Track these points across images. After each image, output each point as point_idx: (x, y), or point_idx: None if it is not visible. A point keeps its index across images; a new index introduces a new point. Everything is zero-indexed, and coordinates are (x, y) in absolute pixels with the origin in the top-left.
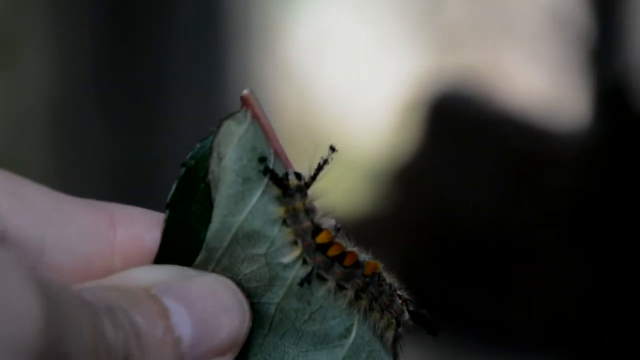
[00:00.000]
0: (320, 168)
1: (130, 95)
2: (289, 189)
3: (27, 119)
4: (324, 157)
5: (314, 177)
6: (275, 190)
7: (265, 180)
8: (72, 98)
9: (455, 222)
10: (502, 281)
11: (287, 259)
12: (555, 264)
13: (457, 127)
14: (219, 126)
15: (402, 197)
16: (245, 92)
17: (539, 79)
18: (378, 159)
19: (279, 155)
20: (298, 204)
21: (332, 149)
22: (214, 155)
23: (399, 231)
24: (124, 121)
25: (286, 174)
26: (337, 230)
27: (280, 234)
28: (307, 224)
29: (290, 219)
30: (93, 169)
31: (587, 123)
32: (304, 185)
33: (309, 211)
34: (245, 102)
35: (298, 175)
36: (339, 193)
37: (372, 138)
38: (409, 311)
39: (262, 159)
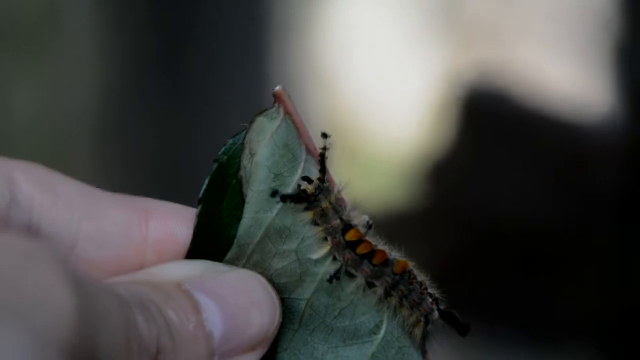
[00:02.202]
0: (323, 158)
1: (175, 95)
2: (310, 196)
3: (72, 117)
4: (321, 146)
5: (323, 170)
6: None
7: (297, 176)
8: (117, 97)
9: (492, 218)
10: (540, 279)
11: (317, 255)
12: (599, 262)
13: (491, 123)
14: (251, 122)
15: (436, 195)
16: (277, 88)
17: (570, 73)
18: (411, 156)
19: (311, 151)
20: (324, 204)
21: (324, 135)
22: (246, 151)
23: (435, 229)
24: (168, 120)
25: (298, 186)
26: (368, 227)
27: (311, 232)
28: (336, 222)
29: (320, 219)
30: (137, 168)
31: (620, 117)
32: (322, 183)
33: (338, 208)
34: (277, 98)
35: (307, 179)
36: (372, 191)
37: (405, 135)
38: (438, 310)
39: (274, 194)
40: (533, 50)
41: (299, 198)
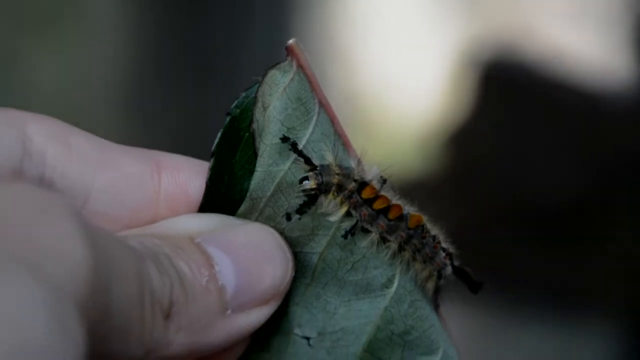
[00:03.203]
0: (297, 150)
1: (195, 69)
2: (319, 187)
3: (94, 93)
4: (290, 144)
5: (307, 161)
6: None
7: (310, 129)
8: (138, 72)
9: (513, 187)
10: (563, 250)
11: (335, 217)
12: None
13: (509, 92)
14: (263, 76)
15: (455, 161)
16: (290, 41)
17: (590, 40)
18: (431, 127)
19: (324, 105)
20: (333, 180)
21: (285, 138)
22: (259, 104)
23: (454, 199)
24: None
25: (302, 179)
26: (383, 182)
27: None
28: (351, 185)
29: (337, 192)
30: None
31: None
32: (317, 169)
33: (347, 173)
34: (290, 51)
35: (304, 178)
36: (392, 163)
37: (424, 106)
38: (452, 265)
39: (285, 139)
40: (551, 18)
41: (313, 198)
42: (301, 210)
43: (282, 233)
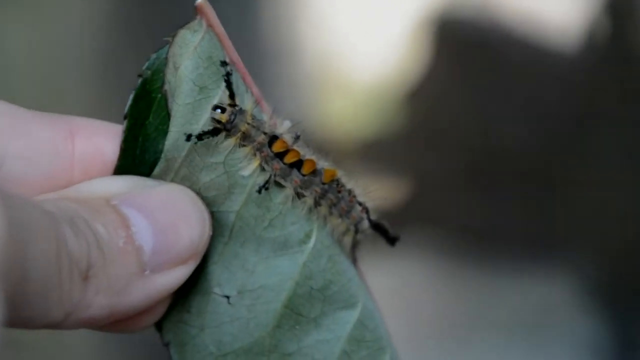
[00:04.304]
0: (229, 83)
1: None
2: (227, 124)
3: (66, 59)
4: (225, 72)
5: (232, 95)
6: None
7: (222, 88)
8: (107, 34)
9: (465, 139)
10: (525, 196)
11: (247, 171)
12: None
13: (463, 47)
14: (173, 36)
15: (412, 118)
16: (199, 1)
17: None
18: (387, 82)
19: (235, 63)
20: (242, 127)
21: (224, 63)
22: (170, 65)
23: (412, 151)
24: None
25: (212, 118)
26: (296, 138)
27: (238, 152)
28: (260, 137)
29: (244, 141)
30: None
31: (587, 40)
32: (234, 107)
33: (258, 124)
34: (199, 11)
35: (219, 107)
36: (355, 118)
37: (381, 61)
38: (368, 219)
39: (225, 63)
40: None
41: (216, 131)
42: (201, 136)
43: (198, 193)
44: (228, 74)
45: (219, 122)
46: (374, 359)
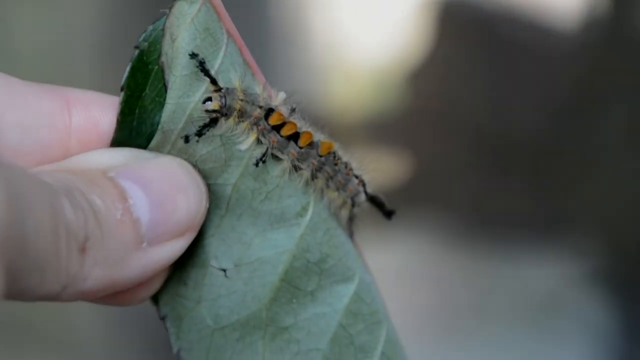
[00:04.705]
0: (205, 70)
1: None
2: (221, 110)
3: (75, 51)
4: (197, 62)
5: (213, 81)
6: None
7: (220, 59)
8: (123, 28)
9: (470, 120)
10: (524, 178)
11: (245, 145)
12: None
13: (467, 28)
14: (170, 7)
15: (418, 99)
16: None
17: None
18: (393, 63)
19: (232, 35)
20: (236, 105)
21: (193, 55)
22: (167, 36)
23: (418, 132)
24: None
25: (206, 99)
26: (292, 110)
27: (236, 127)
28: (256, 111)
29: (240, 118)
30: None
31: (592, 20)
32: (221, 90)
33: (252, 99)
34: None
35: (208, 99)
36: (359, 98)
37: (386, 43)
38: (364, 192)
39: (193, 55)
40: None
41: (214, 121)
42: (200, 132)
43: (194, 165)
44: (201, 63)
45: (214, 111)
46: (371, 333)
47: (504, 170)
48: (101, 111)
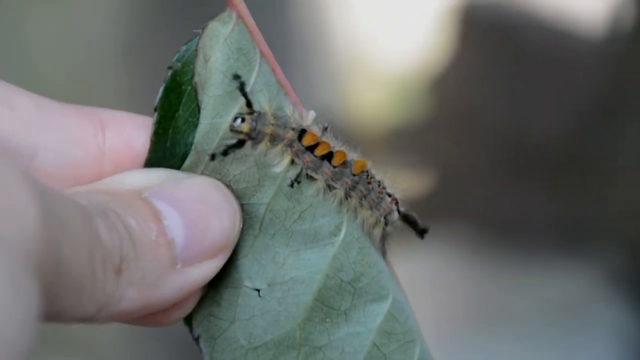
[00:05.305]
0: (243, 92)
1: (195, 21)
2: (250, 133)
3: (97, 51)
4: (239, 82)
5: (249, 104)
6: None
7: (253, 79)
8: (144, 27)
9: (492, 128)
10: (543, 184)
11: (280, 167)
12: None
13: (490, 35)
14: (203, 28)
15: (439, 106)
16: None
17: None
18: (414, 70)
19: (265, 55)
20: (267, 129)
21: (236, 76)
22: (200, 57)
23: (439, 140)
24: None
25: (232, 129)
26: (324, 129)
27: (270, 149)
28: (289, 134)
29: (273, 142)
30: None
31: (614, 26)
32: (253, 114)
33: (284, 122)
34: (230, 2)
35: (239, 117)
36: (380, 104)
37: (408, 49)
38: (398, 211)
39: (236, 77)
40: None
41: (241, 143)
42: (226, 151)
43: (228, 185)
44: (242, 85)
45: (241, 132)
46: (405, 352)
47: (528, 178)
48: (134, 131)
